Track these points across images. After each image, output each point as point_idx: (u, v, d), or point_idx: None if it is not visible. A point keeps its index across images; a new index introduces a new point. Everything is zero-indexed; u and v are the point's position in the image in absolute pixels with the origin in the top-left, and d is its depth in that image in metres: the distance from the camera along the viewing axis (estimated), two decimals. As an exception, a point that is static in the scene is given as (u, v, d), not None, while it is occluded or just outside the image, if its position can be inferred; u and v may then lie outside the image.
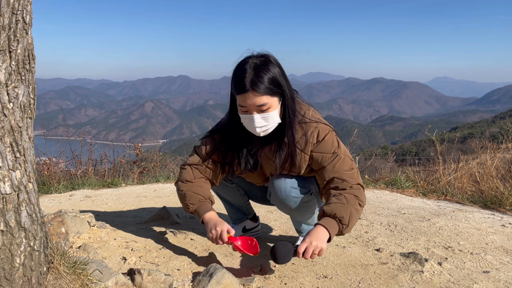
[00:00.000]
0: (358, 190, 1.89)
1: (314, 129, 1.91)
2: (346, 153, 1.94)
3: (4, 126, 1.15)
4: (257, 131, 1.85)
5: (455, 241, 2.53)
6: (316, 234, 1.79)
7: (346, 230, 1.85)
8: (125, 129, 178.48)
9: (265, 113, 1.81)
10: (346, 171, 1.90)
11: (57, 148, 6.74)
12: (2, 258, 1.17)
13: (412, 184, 4.82)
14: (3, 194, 1.17)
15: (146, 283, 1.66)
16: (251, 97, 1.76)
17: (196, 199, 2.01)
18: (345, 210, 1.81)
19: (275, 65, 1.82)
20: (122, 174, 6.24)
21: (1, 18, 1.09)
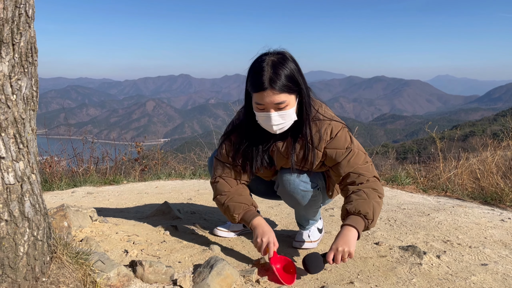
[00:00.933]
0: (375, 182, 1.89)
1: (327, 126, 1.91)
2: (360, 148, 1.95)
3: (7, 117, 1.17)
4: (274, 128, 1.84)
5: (454, 235, 2.54)
6: (343, 238, 1.79)
7: (371, 225, 1.86)
8: (127, 128, 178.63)
9: (282, 111, 1.80)
10: (361, 165, 1.90)
11: (59, 147, 6.78)
12: (6, 247, 1.19)
13: (413, 181, 4.84)
14: (7, 184, 1.19)
15: (147, 274, 1.69)
16: (269, 95, 1.75)
17: (240, 209, 2.00)
18: (368, 205, 1.82)
19: (292, 62, 1.81)
20: (123, 171, 6.28)
21: (5, 11, 1.11)
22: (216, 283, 1.66)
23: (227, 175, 2.06)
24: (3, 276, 1.18)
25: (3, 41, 1.12)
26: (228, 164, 2.06)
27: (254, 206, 2.04)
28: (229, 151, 2.05)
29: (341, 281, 1.83)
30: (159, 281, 1.69)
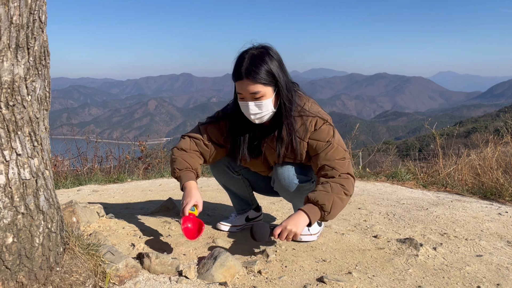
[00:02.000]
0: (345, 179, 1.98)
1: (312, 118, 2.02)
2: (340, 143, 2.04)
3: (23, 117, 1.25)
4: (251, 117, 1.98)
5: (451, 228, 2.61)
6: (294, 219, 1.93)
7: (328, 217, 1.97)
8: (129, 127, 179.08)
9: (258, 101, 1.93)
10: (337, 160, 2.00)
11: (64, 146, 6.88)
12: (23, 238, 1.27)
13: (413, 177, 4.89)
14: (23, 179, 1.27)
15: (154, 266, 1.77)
16: (245, 84, 1.90)
17: (183, 166, 2.13)
18: (327, 198, 1.93)
19: (272, 57, 1.93)
20: (127, 170, 6.36)
21: (20, 18, 1.18)
22: (219, 273, 1.74)
23: (195, 141, 2.18)
24: (20, 265, 1.26)
25: (19, 46, 1.20)
26: (203, 137, 2.17)
27: (196, 172, 2.15)
28: (211, 129, 2.17)
29: (340, 271, 1.91)
30: (165, 272, 1.77)
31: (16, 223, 1.26)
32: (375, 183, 4.60)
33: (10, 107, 1.21)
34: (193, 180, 2.12)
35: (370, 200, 3.50)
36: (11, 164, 1.23)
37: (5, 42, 1.16)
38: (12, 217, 1.24)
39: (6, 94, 1.19)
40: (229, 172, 2.37)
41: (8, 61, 1.18)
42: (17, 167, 1.25)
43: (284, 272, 1.89)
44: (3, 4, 1.14)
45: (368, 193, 3.83)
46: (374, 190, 4.08)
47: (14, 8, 1.16)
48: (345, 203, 2.00)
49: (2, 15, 1.14)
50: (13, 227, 1.25)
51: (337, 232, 2.48)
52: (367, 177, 4.97)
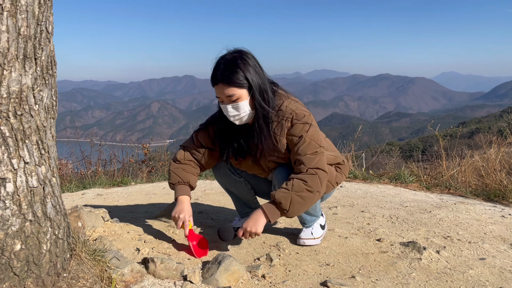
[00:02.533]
0: (311, 175, 2.01)
1: (288, 115, 2.06)
2: (314, 138, 2.06)
3: (31, 126, 1.27)
4: (231, 119, 2.07)
5: (454, 231, 2.62)
6: (253, 220, 2.03)
7: (289, 214, 2.03)
8: (132, 130, 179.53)
9: (235, 103, 2.01)
10: (308, 155, 2.04)
11: (67, 150, 6.92)
12: (31, 245, 1.29)
13: (416, 179, 4.90)
14: (31, 187, 1.29)
15: (159, 271, 1.78)
16: (221, 88, 1.99)
17: (175, 180, 2.25)
18: (285, 196, 1.98)
19: (245, 60, 2.00)
20: (131, 173, 6.39)
21: (28, 29, 1.21)
22: (224, 278, 1.75)
23: (189, 150, 2.29)
24: (28, 272, 1.28)
25: (26, 56, 1.22)
26: (196, 145, 2.28)
27: (189, 185, 2.27)
28: (202, 136, 2.27)
29: (343, 275, 1.92)
30: (170, 277, 1.79)
31: (24, 230, 1.28)
32: (378, 186, 4.60)
33: (18, 116, 1.24)
34: (185, 194, 2.24)
35: (373, 203, 3.51)
36: (19, 172, 1.25)
37: (13, 53, 1.19)
38: (20, 224, 1.26)
39: (14, 104, 1.22)
40: (231, 174, 2.40)
41: (16, 71, 1.21)
42: (25, 175, 1.27)
43: (288, 276, 1.91)
44: (11, 16, 1.16)
45: (371, 196, 3.84)
46: (377, 192, 4.09)
47: (21, 19, 1.19)
48: (308, 200, 2.02)
49: (10, 26, 1.16)
50: (21, 234, 1.27)
51: (340, 235, 2.49)
52: (370, 179, 4.98)
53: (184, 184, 2.25)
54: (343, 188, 4.31)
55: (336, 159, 2.35)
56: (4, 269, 1.23)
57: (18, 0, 1.17)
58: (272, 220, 2.04)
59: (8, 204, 1.23)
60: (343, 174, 2.38)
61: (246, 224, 2.05)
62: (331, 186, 2.30)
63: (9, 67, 1.18)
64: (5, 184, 1.23)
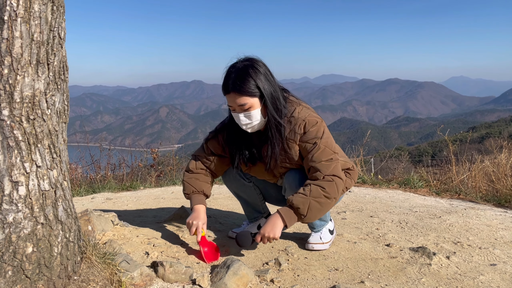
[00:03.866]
0: (328, 182, 2.01)
1: (301, 122, 2.07)
2: (328, 145, 2.07)
3: (43, 130, 1.29)
4: (243, 127, 2.07)
5: (465, 236, 2.60)
6: (270, 224, 2.04)
7: (306, 219, 2.04)
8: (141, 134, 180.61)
9: (247, 112, 2.02)
10: (323, 161, 2.04)
11: (77, 154, 6.99)
12: (42, 248, 1.31)
13: (425, 184, 4.86)
14: (43, 190, 1.31)
15: (168, 274, 1.79)
16: (233, 97, 2.00)
17: (190, 190, 2.29)
18: (303, 201, 1.98)
19: (256, 69, 2.00)
20: (140, 177, 6.43)
21: (41, 35, 1.23)
22: (232, 282, 1.75)
23: (200, 159, 2.32)
24: (39, 274, 1.29)
25: (39, 62, 1.25)
26: (207, 153, 2.31)
27: (204, 194, 2.31)
28: (212, 144, 2.29)
29: (352, 280, 1.91)
30: (179, 281, 1.80)
31: (36, 233, 1.29)
32: (387, 191, 4.58)
33: (31, 120, 1.26)
34: (201, 204, 2.27)
35: (382, 208, 3.49)
36: (31, 176, 1.27)
37: (27, 59, 1.21)
38: (32, 227, 1.28)
39: (27, 109, 1.24)
40: (241, 179, 2.41)
41: (29, 76, 1.23)
42: (37, 178, 1.29)
43: (297, 281, 1.90)
44: (24, 22, 1.18)
45: (380, 201, 3.82)
46: (386, 197, 4.06)
47: (35, 25, 1.21)
48: (325, 206, 2.03)
49: (24, 32, 1.19)
50: (33, 237, 1.28)
51: (349, 240, 2.48)
52: (379, 184, 4.95)
53: (199, 193, 2.29)
54: (352, 193, 4.29)
55: (346, 164, 2.35)
56: (16, 272, 1.24)
57: (31, 7, 1.19)
58: (289, 225, 2.03)
59: (20, 207, 1.25)
60: (352, 179, 2.37)
61: (263, 229, 2.04)
62: (342, 191, 2.30)
63: (22, 72, 1.21)
64: (18, 188, 1.25)
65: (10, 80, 1.19)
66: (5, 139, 1.21)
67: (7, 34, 1.16)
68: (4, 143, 1.21)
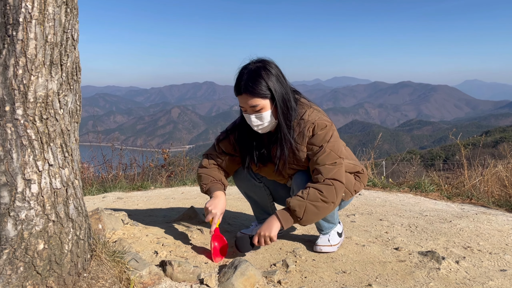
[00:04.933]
0: (327, 185, 2.01)
1: (310, 124, 2.08)
2: (334, 149, 2.07)
3: (55, 129, 1.32)
4: (255, 128, 2.09)
5: (475, 241, 2.57)
6: (267, 225, 2.07)
7: (303, 222, 2.05)
8: (153, 135, 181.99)
9: (258, 113, 2.03)
10: (327, 165, 2.04)
11: (90, 154, 7.08)
12: (53, 245, 1.33)
13: (437, 188, 4.81)
14: (55, 189, 1.34)
15: (176, 274, 1.81)
16: (244, 98, 2.02)
17: (208, 180, 2.29)
18: (299, 204, 2.00)
19: (269, 70, 2.01)
20: (151, 177, 6.48)
21: (55, 36, 1.26)
22: (240, 283, 1.77)
23: (213, 157, 2.34)
24: (50, 271, 1.32)
25: (53, 63, 1.28)
26: (218, 152, 2.33)
27: (222, 183, 2.30)
28: (224, 143, 2.31)
29: (360, 283, 1.91)
30: (187, 280, 1.81)
31: (47, 230, 1.32)
32: (397, 194, 4.55)
33: (44, 120, 1.29)
34: (221, 190, 2.26)
35: (392, 211, 3.47)
36: (43, 174, 1.30)
37: (40, 59, 1.24)
38: (43, 224, 1.31)
39: (40, 108, 1.27)
40: (252, 179, 2.42)
41: (43, 77, 1.26)
42: (49, 176, 1.32)
43: (304, 283, 1.91)
44: (39, 24, 1.21)
45: (390, 204, 3.80)
46: (396, 201, 4.04)
47: (49, 27, 1.24)
48: (323, 210, 2.03)
49: (38, 34, 1.22)
50: (44, 234, 1.31)
51: (357, 243, 2.48)
52: (390, 187, 4.92)
53: (217, 182, 2.29)
54: (362, 196, 4.27)
55: (356, 167, 2.35)
56: (28, 268, 1.27)
57: (46, 9, 1.22)
58: (285, 227, 2.06)
59: (32, 205, 1.28)
60: (362, 183, 2.37)
61: (260, 229, 2.08)
62: (350, 193, 2.30)
63: (36, 73, 1.24)
64: (30, 185, 1.28)
65: (24, 80, 1.22)
66: (19, 137, 1.24)
67: (22, 35, 1.19)
68: (18, 141, 1.24)
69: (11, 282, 1.23)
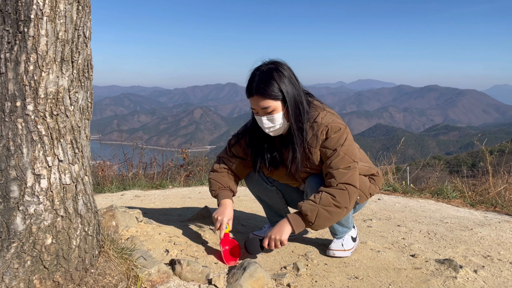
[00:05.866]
0: (340, 190, 1.97)
1: (324, 127, 2.04)
2: (348, 153, 2.02)
3: (66, 125, 1.34)
4: (266, 130, 2.07)
5: (496, 250, 2.48)
6: (278, 228, 2.04)
7: (314, 227, 2.02)
8: (175, 135, 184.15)
9: (270, 115, 2.01)
10: (341, 169, 2.00)
11: (111, 152, 7.20)
12: (61, 240, 1.35)
13: (460, 195, 4.68)
14: (64, 184, 1.35)
15: (185, 273, 1.81)
16: (256, 100, 1.99)
17: (216, 187, 2.30)
18: (311, 209, 1.96)
19: (281, 72, 1.99)
20: (169, 176, 6.54)
21: (66, 34, 1.28)
22: (248, 284, 1.75)
23: (224, 160, 2.35)
24: (57, 265, 1.33)
25: (64, 59, 1.29)
26: (230, 155, 2.34)
27: (230, 190, 2.30)
28: (235, 146, 2.31)
29: (372, 290, 1.86)
30: (195, 280, 1.81)
31: (56, 225, 1.34)
32: (418, 200, 4.44)
33: (54, 116, 1.30)
34: (228, 198, 2.27)
35: (411, 217, 3.39)
36: (53, 170, 1.32)
37: (51, 56, 1.25)
38: (52, 219, 1.32)
39: (51, 104, 1.28)
40: (263, 182, 2.40)
41: (54, 73, 1.27)
42: (58, 172, 1.33)
43: (314, 287, 1.87)
44: (50, 21, 1.23)
45: (410, 210, 3.71)
46: (416, 207, 3.94)
47: (60, 24, 1.26)
48: (335, 215, 1.99)
49: (49, 31, 1.23)
50: (52, 229, 1.33)
51: (372, 249, 2.42)
52: (411, 193, 4.82)
53: (225, 189, 2.30)
54: (381, 201, 4.19)
55: (370, 169, 2.30)
56: (35, 262, 1.29)
57: (57, 6, 1.24)
58: (296, 231, 2.02)
59: (41, 200, 1.30)
60: (377, 185, 2.32)
61: (271, 232, 2.05)
62: (365, 197, 2.25)
63: (47, 69, 1.25)
64: (40, 180, 1.29)
65: (35, 76, 1.24)
66: (29, 133, 1.26)
67: (33, 32, 1.21)
68: (28, 137, 1.26)
69: (18, 276, 1.25)
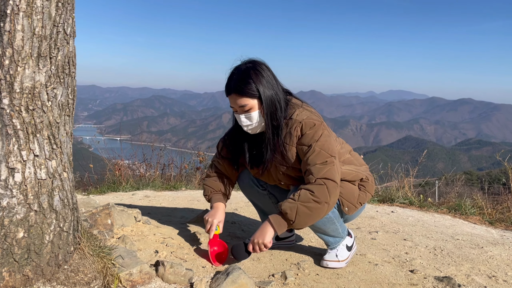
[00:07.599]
0: (318, 185, 1.91)
1: (298, 124, 2.02)
2: (324, 148, 1.97)
3: (43, 121, 1.35)
4: (245, 129, 2.09)
5: (503, 271, 2.35)
6: (260, 231, 2.03)
7: (296, 225, 1.97)
8: (202, 138, 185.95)
9: (247, 113, 2.03)
10: (317, 164, 1.95)
11: (130, 151, 7.32)
12: (33, 234, 1.35)
13: (479, 211, 4.49)
14: (39, 179, 1.36)
15: (167, 275, 1.79)
16: (233, 98, 2.02)
17: (208, 192, 2.34)
18: (291, 207, 1.93)
19: (258, 71, 2.00)
20: (185, 179, 6.58)
21: (43, 29, 1.29)
22: (228, 291, 1.71)
23: (215, 163, 2.38)
24: (28, 259, 1.34)
25: (40, 55, 1.30)
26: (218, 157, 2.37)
27: (223, 193, 2.33)
28: (221, 148, 2.35)
29: (359, 304, 1.79)
30: (177, 282, 1.78)
31: (28, 220, 1.34)
32: (434, 215, 4.29)
33: (30, 111, 1.31)
34: (220, 202, 2.30)
35: (420, 232, 3.27)
36: (28, 164, 1.33)
37: (27, 51, 1.27)
38: (25, 213, 1.33)
39: (26, 99, 1.30)
40: (255, 186, 2.37)
41: (30, 68, 1.29)
42: (33, 167, 1.34)
43: (298, 297, 1.82)
44: (26, 16, 1.24)
45: (422, 225, 3.58)
46: (430, 221, 3.81)
47: (37, 20, 1.27)
48: (316, 211, 1.92)
49: (25, 26, 1.25)
50: (25, 223, 1.33)
51: (370, 261, 2.34)
52: (427, 207, 4.66)
53: (217, 193, 2.32)
54: (394, 214, 4.07)
55: (358, 175, 2.21)
56: (5, 255, 1.29)
57: (34, 2, 1.25)
58: (279, 232, 1.99)
59: (15, 193, 1.31)
60: (367, 192, 2.22)
61: (253, 236, 2.03)
62: (353, 207, 2.16)
63: (23, 64, 1.27)
64: (14, 174, 1.30)
65: (11, 70, 1.25)
66: (4, 126, 1.27)
67: (9, 27, 1.23)
68: (3, 130, 1.27)
69: (-14, 267, 1.26)
